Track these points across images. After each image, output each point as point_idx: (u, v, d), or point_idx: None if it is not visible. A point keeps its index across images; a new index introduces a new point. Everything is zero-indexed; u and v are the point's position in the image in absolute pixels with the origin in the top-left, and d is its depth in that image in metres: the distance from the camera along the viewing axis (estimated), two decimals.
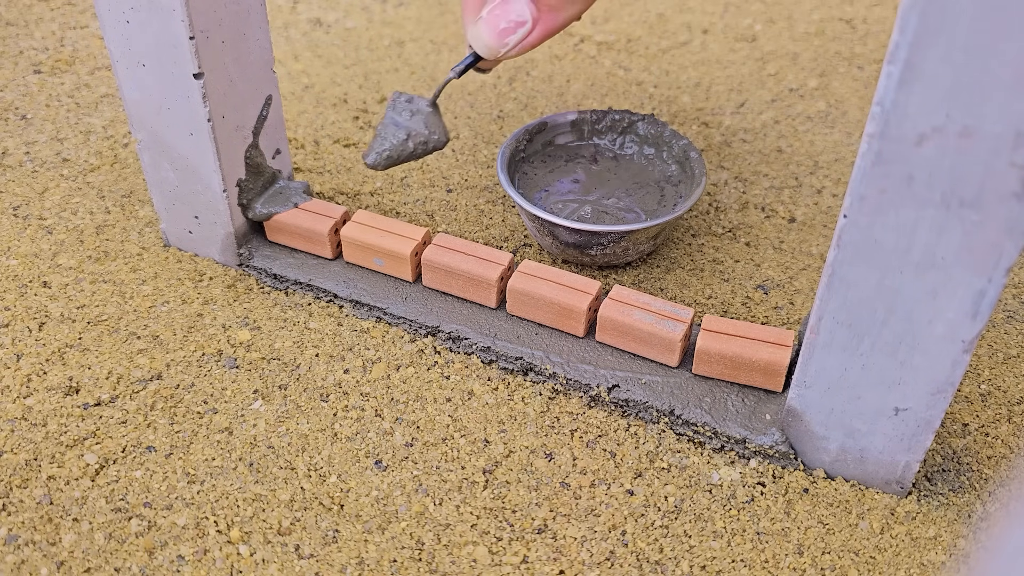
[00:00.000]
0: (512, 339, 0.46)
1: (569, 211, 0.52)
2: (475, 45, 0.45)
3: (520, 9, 0.43)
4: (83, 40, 0.72)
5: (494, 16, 0.44)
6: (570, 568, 0.38)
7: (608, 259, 0.51)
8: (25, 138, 0.61)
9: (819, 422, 0.40)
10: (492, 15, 0.44)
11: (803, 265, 0.53)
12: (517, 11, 0.43)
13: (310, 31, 0.75)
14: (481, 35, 0.44)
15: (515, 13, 0.43)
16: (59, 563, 0.38)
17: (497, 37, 0.44)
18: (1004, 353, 0.48)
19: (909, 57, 0.29)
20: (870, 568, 0.38)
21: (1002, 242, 0.31)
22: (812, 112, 0.66)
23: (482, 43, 0.44)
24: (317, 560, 0.38)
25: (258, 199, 0.51)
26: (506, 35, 0.44)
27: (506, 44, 0.44)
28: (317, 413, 0.44)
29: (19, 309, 0.49)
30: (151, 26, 0.43)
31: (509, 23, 0.44)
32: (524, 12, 0.43)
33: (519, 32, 0.44)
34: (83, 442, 0.42)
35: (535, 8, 0.43)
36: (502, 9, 0.44)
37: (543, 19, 0.44)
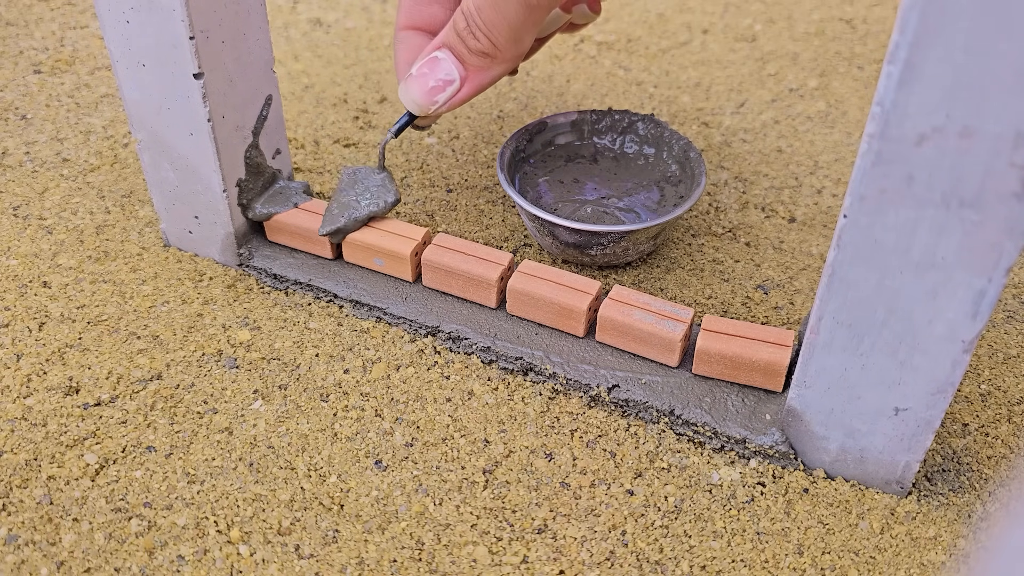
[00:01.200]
0: (512, 339, 0.46)
1: (569, 211, 0.52)
2: (406, 103, 0.46)
3: (448, 68, 0.44)
4: (83, 40, 0.72)
5: (422, 75, 0.45)
6: (570, 568, 0.38)
7: (608, 259, 0.51)
8: (25, 138, 0.61)
9: (819, 422, 0.40)
10: (420, 74, 0.45)
11: (803, 265, 0.53)
12: (445, 70, 0.44)
13: (310, 31, 0.75)
14: (411, 93, 0.45)
15: (443, 72, 0.44)
16: (59, 563, 0.38)
17: (427, 96, 0.45)
18: (1004, 353, 0.48)
19: (909, 57, 0.29)
20: (870, 568, 0.38)
21: (1002, 242, 0.31)
22: (812, 112, 0.66)
23: (412, 101, 0.45)
24: (317, 560, 0.38)
25: (258, 199, 0.51)
26: (435, 93, 0.45)
27: (435, 102, 0.45)
28: (317, 413, 0.44)
29: (19, 309, 0.49)
30: (151, 26, 0.43)
31: (438, 82, 0.45)
32: (452, 71, 0.44)
33: (448, 90, 0.45)
34: (83, 442, 0.42)
35: (461, 67, 0.44)
36: (430, 68, 0.45)
37: (471, 77, 0.45)
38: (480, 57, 0.44)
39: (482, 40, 0.43)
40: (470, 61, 0.44)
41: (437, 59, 0.45)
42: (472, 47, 0.44)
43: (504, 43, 0.43)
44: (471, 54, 0.44)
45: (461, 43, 0.44)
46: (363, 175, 0.50)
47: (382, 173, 0.49)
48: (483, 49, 0.43)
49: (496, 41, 0.43)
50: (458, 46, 0.44)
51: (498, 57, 0.44)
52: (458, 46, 0.44)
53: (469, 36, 0.43)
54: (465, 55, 0.44)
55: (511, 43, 0.43)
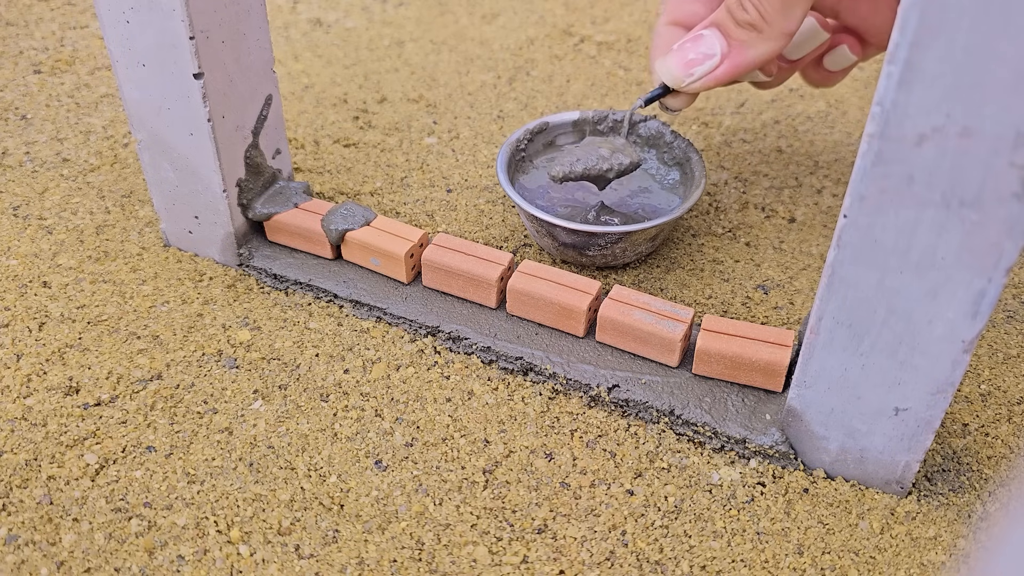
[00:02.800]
0: (512, 339, 0.46)
1: (569, 212, 0.52)
2: (662, 75, 0.46)
3: (711, 43, 0.45)
4: (83, 40, 0.72)
5: (684, 48, 0.45)
6: (570, 568, 0.38)
7: (607, 260, 0.51)
8: (25, 138, 0.61)
9: (819, 422, 0.40)
10: (682, 47, 0.45)
11: (803, 265, 0.53)
12: (708, 44, 0.45)
13: (310, 31, 0.75)
14: (668, 64, 0.46)
15: (705, 46, 0.45)
16: (59, 563, 0.38)
17: (684, 67, 0.45)
18: (1004, 353, 0.48)
19: (909, 57, 0.29)
20: (870, 568, 0.38)
21: (1002, 242, 0.31)
22: (812, 112, 0.66)
23: (669, 73, 0.46)
24: (317, 560, 0.38)
25: (258, 199, 0.51)
26: (693, 65, 0.45)
27: (691, 74, 0.45)
28: (317, 413, 0.44)
29: (19, 309, 0.49)
30: (151, 26, 0.43)
31: (698, 54, 0.45)
32: (714, 46, 0.45)
33: (707, 64, 0.45)
34: (83, 442, 0.42)
35: (726, 44, 0.44)
36: (693, 43, 0.45)
37: (732, 54, 0.45)
38: (747, 30, 0.44)
39: (750, 10, 0.43)
40: (735, 35, 0.44)
41: (702, 35, 0.45)
42: (740, 18, 0.43)
43: (772, 14, 0.43)
44: (737, 27, 0.44)
45: (728, 16, 0.44)
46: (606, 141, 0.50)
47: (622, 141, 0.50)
48: (750, 20, 0.43)
49: (764, 12, 0.43)
50: (725, 20, 0.44)
51: (765, 32, 0.44)
52: (725, 20, 0.44)
53: (738, 8, 0.43)
54: (731, 28, 0.44)
55: (779, 15, 0.43)
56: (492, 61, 0.71)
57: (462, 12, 0.78)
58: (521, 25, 0.76)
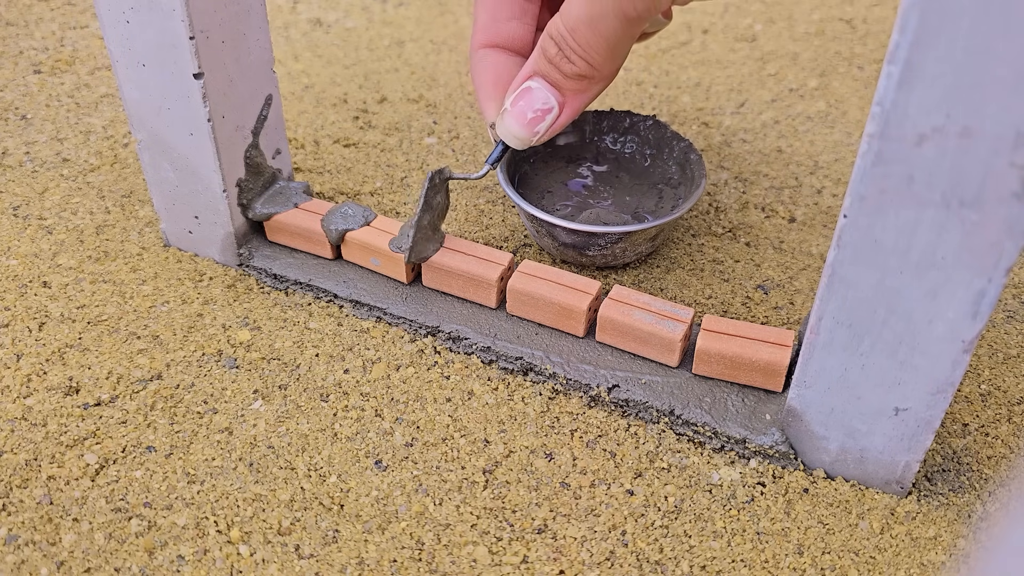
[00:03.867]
0: (512, 339, 0.46)
1: (569, 212, 0.52)
2: (505, 139, 0.45)
3: (544, 97, 0.43)
4: (83, 40, 0.72)
5: (519, 108, 0.43)
6: (570, 568, 0.38)
7: (606, 260, 0.51)
8: (25, 138, 0.61)
9: (819, 422, 0.40)
10: (516, 107, 0.44)
11: (803, 265, 0.53)
12: (541, 99, 0.43)
13: (310, 31, 0.75)
14: (510, 128, 0.44)
15: (539, 101, 0.43)
16: (59, 563, 0.38)
17: (526, 129, 0.44)
18: (1004, 353, 0.48)
19: (909, 57, 0.29)
20: (870, 568, 0.38)
21: (1002, 242, 0.31)
22: (812, 112, 0.66)
23: (512, 136, 0.44)
24: (317, 560, 0.38)
25: (258, 199, 0.51)
26: (535, 124, 0.43)
27: (536, 133, 0.44)
28: (317, 413, 0.44)
29: (19, 309, 0.49)
30: (151, 26, 0.43)
31: (535, 112, 0.43)
32: (549, 99, 0.43)
33: (547, 119, 0.43)
34: (83, 442, 0.42)
35: (558, 93, 0.43)
36: (525, 99, 0.43)
37: (568, 102, 0.43)
38: (577, 81, 0.42)
39: (578, 63, 0.41)
40: (567, 86, 0.42)
41: (531, 89, 0.43)
42: (568, 71, 0.42)
43: (601, 62, 0.41)
44: (567, 79, 0.42)
45: (555, 69, 0.42)
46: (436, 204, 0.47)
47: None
48: (580, 72, 0.42)
49: (593, 62, 0.41)
50: (552, 73, 0.42)
51: (596, 77, 0.42)
52: (552, 73, 0.42)
53: (563, 61, 0.42)
54: (561, 81, 0.42)
55: (608, 61, 0.41)
56: None
57: (462, 12, 0.78)
58: None
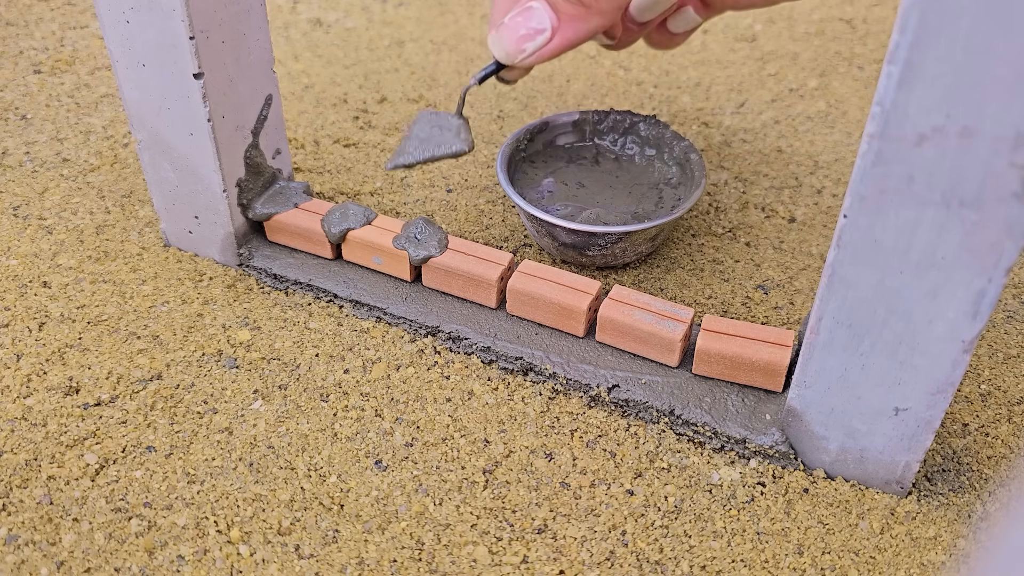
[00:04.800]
0: (512, 339, 0.46)
1: (569, 212, 0.52)
2: (494, 51, 0.46)
3: (540, 17, 0.44)
4: (83, 40, 0.72)
5: (514, 23, 0.45)
6: (570, 568, 0.38)
7: (606, 260, 0.51)
8: (25, 138, 0.61)
9: (819, 422, 0.40)
10: (512, 21, 0.45)
11: (803, 265, 0.53)
12: (537, 19, 0.44)
13: (310, 31, 0.75)
14: (500, 40, 0.45)
15: (535, 21, 0.44)
16: (59, 563, 0.38)
17: (515, 43, 0.45)
18: (1004, 353, 0.48)
19: (909, 57, 0.29)
20: (870, 568, 0.38)
21: (1002, 242, 0.31)
22: (812, 112, 0.66)
23: (500, 48, 0.45)
24: (317, 560, 0.38)
25: (258, 199, 0.51)
26: (524, 41, 0.44)
27: (523, 50, 0.45)
28: (317, 413, 0.44)
29: (19, 309, 0.49)
30: (151, 26, 0.43)
31: (528, 30, 0.44)
32: (544, 20, 0.44)
33: (538, 39, 0.44)
34: (83, 442, 0.42)
35: (555, 17, 0.44)
36: (523, 16, 0.44)
37: (562, 28, 0.44)
38: (575, 5, 0.43)
39: None
40: (564, 9, 0.44)
41: (531, 8, 0.44)
42: None
43: None
44: (565, 2, 0.43)
45: None
46: (439, 119, 0.48)
47: (459, 120, 0.48)
48: None
49: None
50: None
51: (593, 7, 0.43)
52: None
53: None
54: (559, 3, 0.44)
55: None
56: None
57: (462, 12, 0.78)
58: None
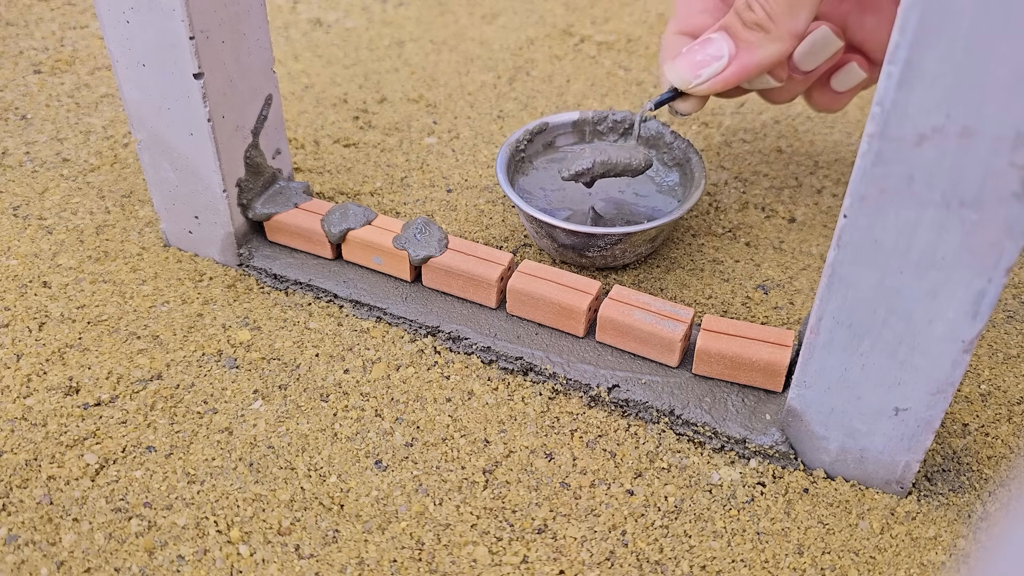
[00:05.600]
0: (512, 339, 0.46)
1: (570, 214, 0.52)
2: (671, 77, 0.47)
3: (719, 46, 0.45)
4: (83, 40, 0.72)
5: (692, 51, 0.46)
6: (570, 568, 0.38)
7: (606, 261, 0.51)
8: (25, 138, 0.61)
9: (819, 422, 0.40)
10: (691, 50, 0.46)
11: (803, 265, 0.53)
12: (715, 47, 0.45)
13: (310, 31, 0.75)
14: (677, 67, 0.46)
15: (713, 49, 0.45)
16: (59, 563, 0.38)
17: (691, 69, 0.46)
18: (1004, 353, 0.48)
19: (909, 57, 0.29)
20: (870, 568, 0.38)
21: (1002, 242, 0.31)
22: (812, 112, 0.66)
23: (677, 75, 0.46)
24: (317, 560, 0.38)
25: (258, 199, 0.51)
26: (700, 67, 0.46)
27: (699, 75, 0.46)
28: (317, 413, 0.44)
29: (19, 309, 0.49)
30: (151, 26, 0.43)
31: (705, 56, 0.45)
32: (722, 48, 0.45)
33: (714, 65, 0.45)
34: (83, 442, 0.42)
35: (733, 45, 0.45)
36: (701, 46, 0.46)
37: (739, 55, 0.45)
38: (753, 30, 0.44)
39: (757, 10, 0.44)
40: (743, 35, 0.45)
41: (710, 39, 0.46)
42: (747, 19, 0.44)
43: (779, 14, 0.43)
44: (744, 28, 0.44)
45: (737, 19, 0.44)
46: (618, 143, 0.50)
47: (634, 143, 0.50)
48: (757, 19, 0.44)
49: (771, 11, 0.43)
50: (733, 22, 0.45)
51: (772, 32, 0.44)
52: (733, 22, 0.45)
53: (745, 9, 0.44)
54: (738, 30, 0.45)
55: (786, 14, 0.43)
56: (492, 61, 0.71)
57: (462, 12, 0.78)
58: (521, 25, 0.76)
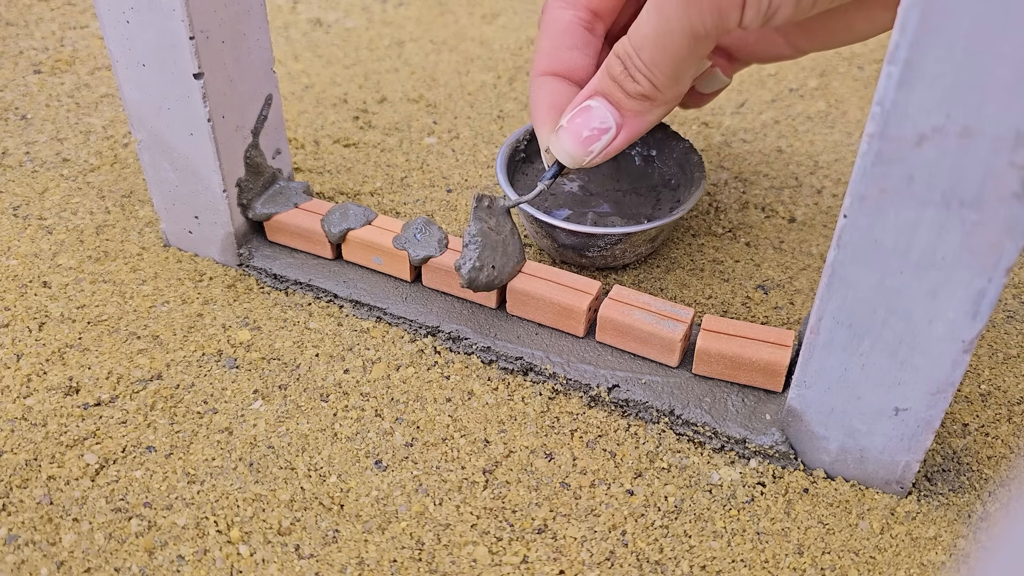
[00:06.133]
0: (512, 339, 0.46)
1: (569, 213, 0.52)
2: (558, 155, 0.43)
3: (603, 115, 0.42)
4: (83, 40, 0.72)
5: (575, 125, 0.42)
6: (570, 568, 0.38)
7: (606, 261, 0.51)
8: (25, 138, 0.61)
9: (819, 422, 0.40)
10: (573, 124, 0.42)
11: (803, 265, 0.53)
12: (599, 118, 0.42)
13: (310, 31, 0.75)
14: (564, 145, 0.43)
15: (597, 120, 0.42)
16: (59, 563, 0.38)
17: (581, 146, 0.42)
18: (1004, 353, 0.48)
19: (909, 57, 0.29)
20: (870, 568, 0.38)
21: (1002, 242, 0.31)
22: (812, 112, 0.66)
23: (565, 153, 0.43)
24: (317, 560, 0.38)
25: (258, 199, 0.51)
26: (590, 143, 0.42)
27: (590, 152, 0.42)
28: (317, 413, 0.44)
29: (19, 309, 0.49)
30: (151, 26, 0.43)
31: (592, 131, 0.42)
32: (607, 118, 0.42)
33: (603, 139, 0.42)
34: (83, 442, 0.42)
35: (618, 113, 0.42)
36: (583, 117, 0.42)
37: (627, 124, 0.42)
38: (639, 101, 0.41)
39: (642, 82, 0.40)
40: (628, 106, 0.42)
41: (590, 108, 0.42)
42: (631, 90, 0.41)
43: (665, 83, 0.41)
44: (629, 98, 0.41)
45: (617, 88, 0.41)
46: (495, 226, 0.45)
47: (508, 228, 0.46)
48: (643, 91, 0.41)
49: (657, 82, 0.40)
50: (614, 92, 0.42)
51: (658, 99, 0.41)
52: (614, 92, 0.42)
53: (627, 79, 0.41)
54: (622, 100, 0.42)
55: (672, 82, 0.41)
56: (492, 61, 0.71)
57: (462, 12, 0.78)
58: (521, 25, 0.76)
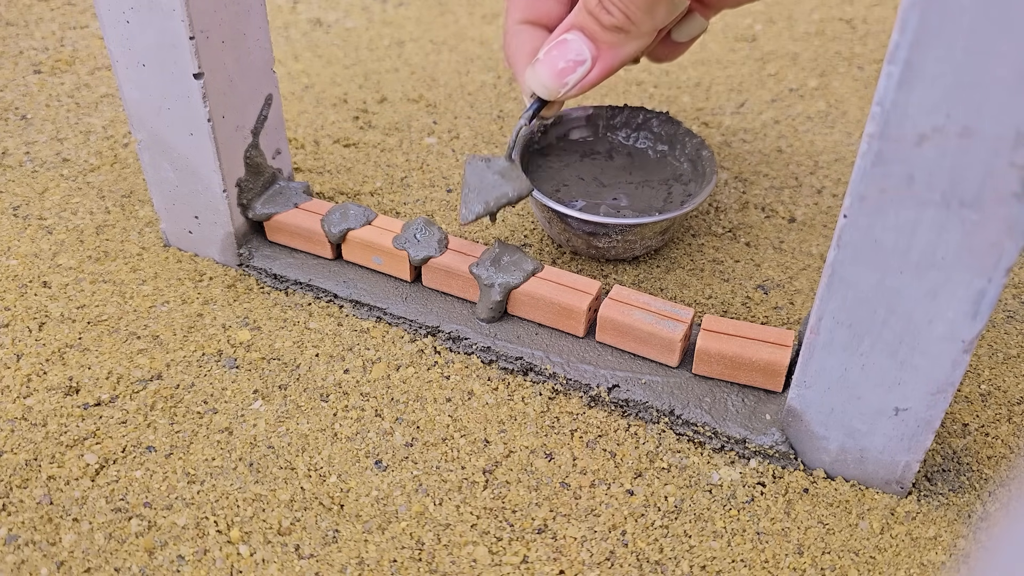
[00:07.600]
0: (512, 339, 0.46)
1: (583, 204, 0.52)
2: (534, 87, 0.44)
3: (578, 48, 0.43)
4: (83, 40, 0.72)
5: (551, 57, 0.43)
6: (570, 568, 0.38)
7: (617, 252, 0.51)
8: (25, 138, 0.61)
9: (819, 422, 0.40)
10: (549, 56, 0.43)
11: (803, 265, 0.53)
12: (575, 50, 0.43)
13: (310, 31, 0.75)
14: (540, 76, 0.44)
15: (573, 52, 0.43)
16: (59, 563, 0.38)
17: (556, 77, 0.43)
18: (1004, 353, 0.48)
19: (909, 57, 0.29)
20: (870, 568, 0.38)
21: (1002, 242, 0.31)
22: (812, 112, 0.66)
23: (541, 84, 0.44)
24: (317, 560, 0.38)
25: (258, 199, 0.51)
26: (565, 75, 0.43)
27: (565, 84, 0.43)
28: (317, 413, 0.44)
29: (19, 309, 0.49)
30: (151, 26, 0.43)
31: (567, 63, 0.43)
32: (583, 51, 0.43)
33: (579, 71, 0.43)
34: (83, 442, 0.42)
35: (593, 46, 0.43)
36: (559, 49, 0.43)
37: (602, 56, 0.43)
38: (613, 33, 0.42)
39: (616, 13, 0.42)
40: (602, 38, 0.43)
41: (566, 40, 0.43)
42: (605, 22, 0.42)
43: (639, 14, 0.42)
44: (604, 30, 0.42)
45: (593, 20, 0.42)
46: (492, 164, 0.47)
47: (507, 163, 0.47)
48: (617, 23, 0.42)
49: (630, 13, 0.42)
50: (589, 24, 0.43)
51: (632, 32, 0.42)
52: (589, 24, 0.43)
53: (601, 11, 0.42)
54: (597, 32, 0.43)
55: (646, 14, 0.42)
56: (492, 61, 0.71)
57: (462, 12, 0.78)
58: None
